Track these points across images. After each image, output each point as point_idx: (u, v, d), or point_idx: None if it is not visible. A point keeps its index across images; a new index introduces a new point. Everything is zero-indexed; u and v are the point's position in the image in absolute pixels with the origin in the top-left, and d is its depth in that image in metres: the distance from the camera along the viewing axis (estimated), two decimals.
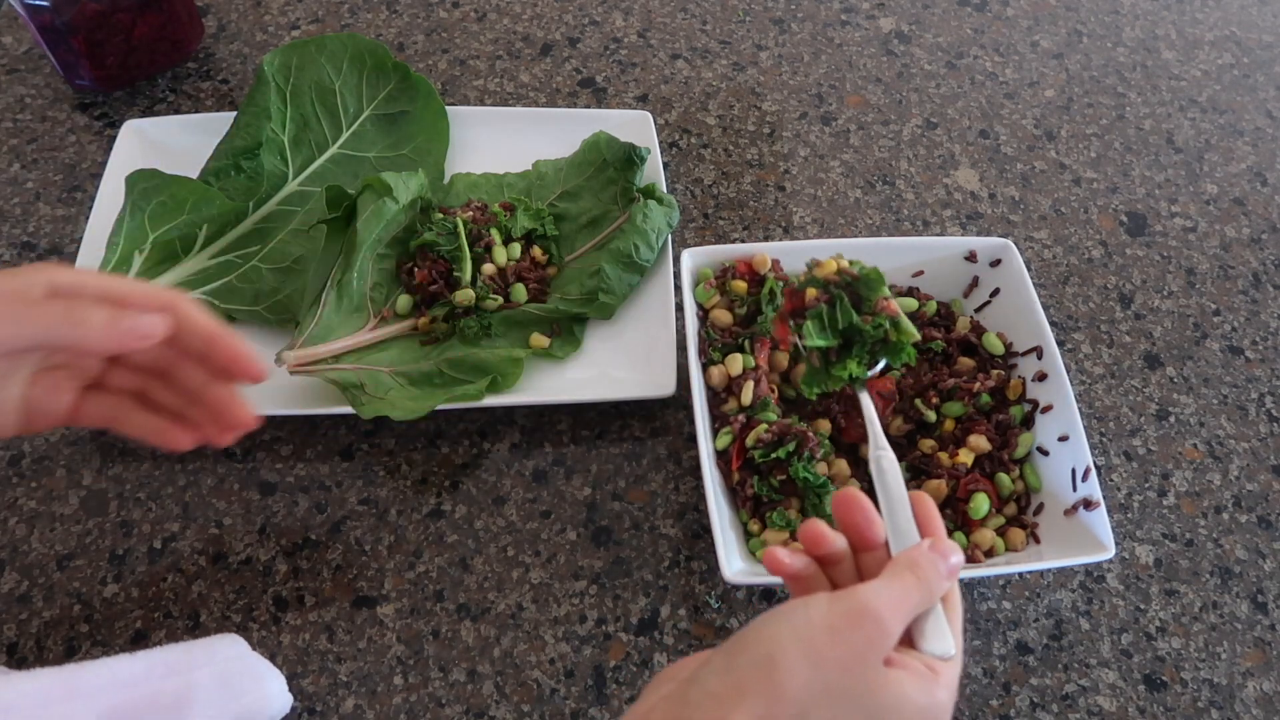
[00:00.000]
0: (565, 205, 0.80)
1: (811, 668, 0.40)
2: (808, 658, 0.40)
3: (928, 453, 0.67)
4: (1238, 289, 0.83)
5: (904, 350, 0.60)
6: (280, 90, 0.80)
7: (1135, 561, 0.68)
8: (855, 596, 0.42)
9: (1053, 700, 0.63)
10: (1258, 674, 0.64)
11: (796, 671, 0.39)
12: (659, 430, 0.73)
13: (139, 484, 0.69)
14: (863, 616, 0.41)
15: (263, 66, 0.79)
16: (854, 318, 0.59)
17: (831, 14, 1.01)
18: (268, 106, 0.79)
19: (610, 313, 0.75)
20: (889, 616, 0.41)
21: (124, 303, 0.49)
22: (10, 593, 0.64)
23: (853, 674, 0.40)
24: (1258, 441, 0.75)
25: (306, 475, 0.70)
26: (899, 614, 0.42)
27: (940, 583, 0.45)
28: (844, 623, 0.41)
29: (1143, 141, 0.93)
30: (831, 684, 0.40)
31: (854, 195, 0.87)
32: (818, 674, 0.40)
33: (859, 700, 0.40)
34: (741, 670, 0.40)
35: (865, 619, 0.41)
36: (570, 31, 0.98)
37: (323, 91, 0.82)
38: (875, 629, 0.41)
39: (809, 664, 0.40)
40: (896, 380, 0.69)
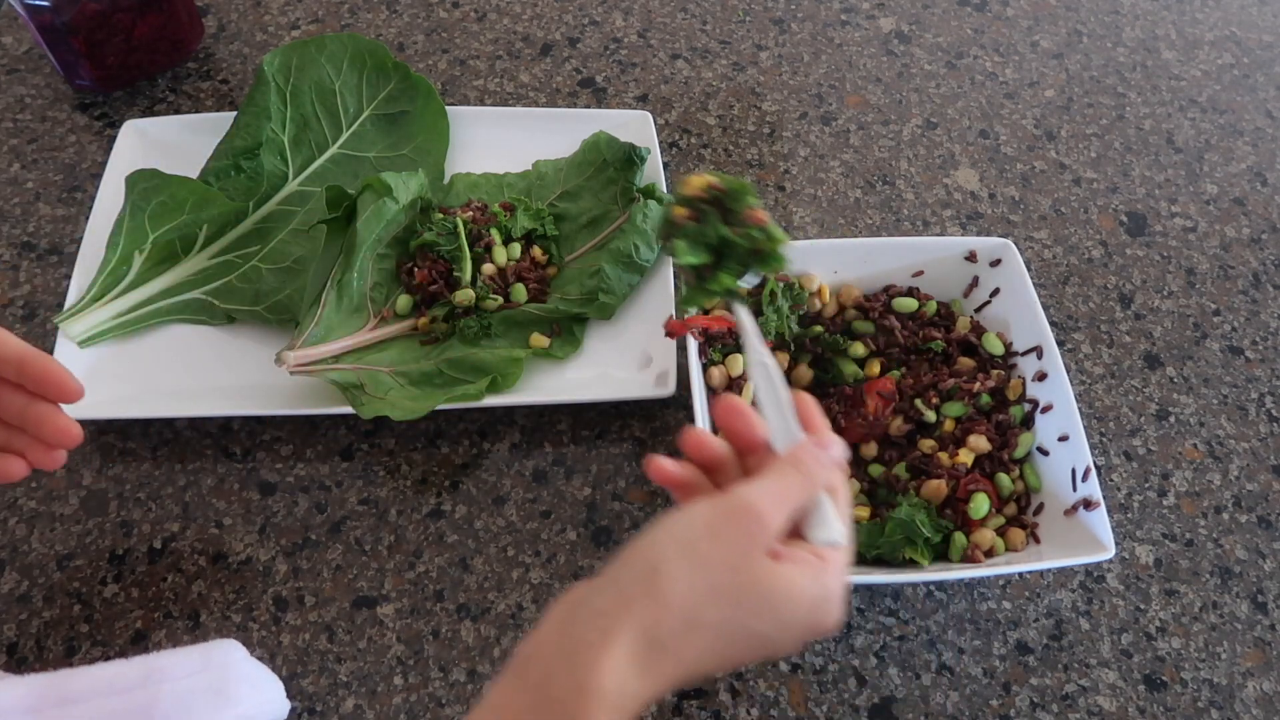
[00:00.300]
0: (565, 205, 0.80)
1: (694, 570, 0.40)
2: (689, 561, 0.40)
3: (928, 453, 0.67)
4: (1238, 289, 0.83)
5: (776, 258, 0.58)
6: (280, 90, 0.80)
7: (1135, 561, 0.68)
8: (734, 495, 0.42)
9: (1053, 700, 0.62)
10: (1258, 674, 0.64)
11: (679, 576, 0.39)
12: (659, 430, 0.73)
13: (139, 484, 0.69)
14: (742, 513, 0.41)
15: (262, 67, 0.79)
16: (723, 231, 0.57)
17: (831, 14, 1.01)
18: (268, 106, 0.79)
19: (610, 313, 0.75)
20: (768, 510, 0.41)
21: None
22: (10, 593, 0.64)
23: (738, 571, 0.40)
24: (1258, 441, 0.75)
25: (306, 475, 0.70)
26: (779, 508, 0.42)
27: (822, 474, 0.44)
28: (723, 522, 0.41)
29: (1143, 141, 0.93)
30: (717, 583, 0.40)
31: (854, 195, 0.87)
32: (701, 576, 0.40)
33: (747, 595, 0.40)
34: (625, 583, 0.40)
35: (744, 515, 0.41)
36: (570, 31, 0.98)
37: (323, 92, 0.82)
38: (755, 524, 0.41)
39: (691, 567, 0.40)
40: (897, 380, 0.69)
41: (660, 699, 0.41)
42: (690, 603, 0.39)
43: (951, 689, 0.63)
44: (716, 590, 0.40)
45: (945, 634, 0.64)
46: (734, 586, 0.40)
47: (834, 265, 0.73)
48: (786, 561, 0.42)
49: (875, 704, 0.62)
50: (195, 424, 0.72)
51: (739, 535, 0.41)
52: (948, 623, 0.65)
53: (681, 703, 0.61)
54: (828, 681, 0.63)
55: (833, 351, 0.72)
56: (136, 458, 0.70)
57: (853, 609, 0.65)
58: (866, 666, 0.63)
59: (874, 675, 0.63)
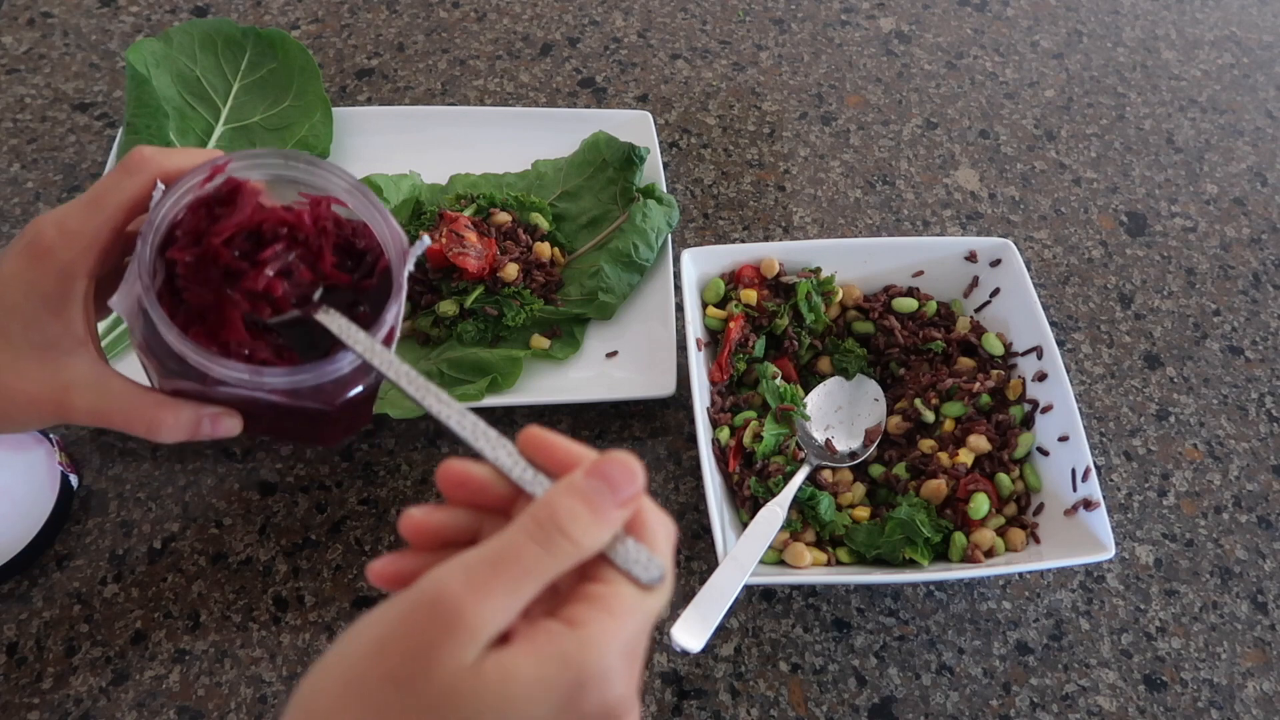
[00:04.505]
0: (565, 205, 0.80)
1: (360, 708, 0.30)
2: (352, 696, 0.30)
3: (928, 453, 0.67)
4: (1238, 289, 0.83)
5: None
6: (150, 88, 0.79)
7: (1135, 561, 0.68)
8: (417, 586, 0.31)
9: (1053, 700, 0.62)
10: (1258, 674, 0.64)
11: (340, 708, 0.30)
12: (659, 430, 0.73)
13: (139, 484, 0.69)
14: (423, 609, 0.30)
15: (132, 65, 0.78)
16: None
17: (831, 14, 1.01)
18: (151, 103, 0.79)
19: (610, 313, 0.75)
20: (463, 596, 0.30)
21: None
22: (10, 593, 0.64)
23: (411, 688, 0.29)
24: (1258, 441, 0.75)
25: (306, 475, 0.70)
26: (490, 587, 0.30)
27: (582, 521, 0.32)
28: (395, 629, 0.30)
29: (1143, 141, 0.93)
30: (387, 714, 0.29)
31: (854, 195, 0.87)
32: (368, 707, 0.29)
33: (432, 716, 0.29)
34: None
35: (423, 612, 0.30)
36: (570, 31, 0.98)
37: (186, 81, 0.82)
38: (438, 619, 0.30)
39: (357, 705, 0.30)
40: (897, 380, 0.70)
41: None
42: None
43: (951, 689, 0.63)
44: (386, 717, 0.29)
45: (945, 634, 0.64)
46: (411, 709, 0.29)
47: (834, 265, 0.73)
48: (508, 648, 0.30)
49: (875, 704, 0.62)
50: None
51: (414, 641, 0.30)
52: (948, 623, 0.65)
53: (681, 703, 0.61)
54: (828, 681, 0.63)
55: (835, 350, 0.73)
56: (136, 458, 0.70)
57: (853, 609, 0.65)
58: (866, 666, 0.63)
59: (874, 675, 0.63)
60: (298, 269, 0.42)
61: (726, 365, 0.70)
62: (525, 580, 0.31)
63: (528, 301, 0.73)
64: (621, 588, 0.32)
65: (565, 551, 0.32)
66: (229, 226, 0.40)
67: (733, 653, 0.63)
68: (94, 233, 0.43)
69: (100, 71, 0.93)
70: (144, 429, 0.45)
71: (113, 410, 0.44)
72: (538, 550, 0.31)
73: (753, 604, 0.65)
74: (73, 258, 0.42)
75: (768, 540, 0.60)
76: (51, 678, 0.61)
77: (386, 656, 0.30)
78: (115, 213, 0.43)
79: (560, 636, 0.30)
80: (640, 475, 0.33)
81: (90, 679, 0.61)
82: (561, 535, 0.32)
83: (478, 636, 0.30)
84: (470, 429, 0.36)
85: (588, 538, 0.32)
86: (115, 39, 0.96)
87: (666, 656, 0.63)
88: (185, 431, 0.45)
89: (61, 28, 0.96)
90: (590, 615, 0.31)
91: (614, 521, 0.33)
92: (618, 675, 0.31)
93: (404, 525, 0.35)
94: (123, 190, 0.43)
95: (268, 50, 0.84)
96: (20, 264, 0.43)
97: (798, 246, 0.73)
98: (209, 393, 0.43)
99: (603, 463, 0.33)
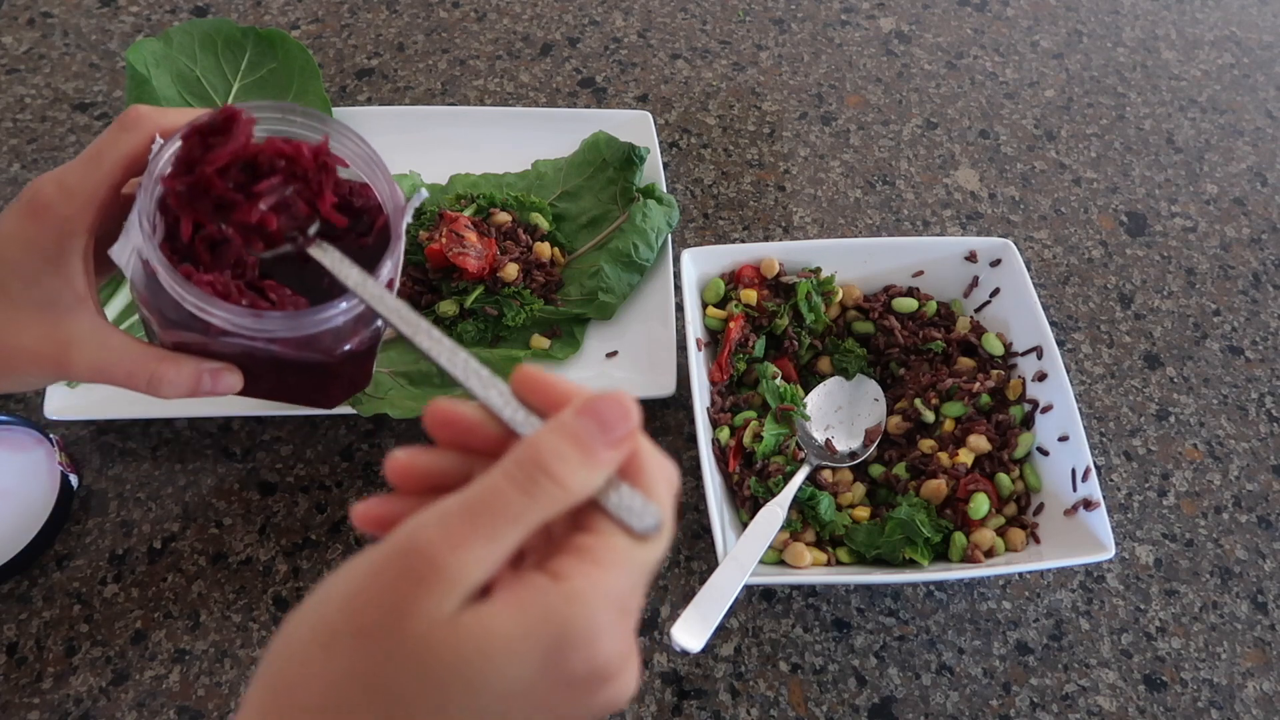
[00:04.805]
0: (565, 205, 0.80)
1: (330, 657, 0.28)
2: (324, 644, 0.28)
3: (928, 453, 0.67)
4: (1238, 289, 0.83)
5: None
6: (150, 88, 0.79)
7: (1135, 561, 0.68)
8: (395, 534, 0.29)
9: (1053, 700, 0.62)
10: (1258, 674, 0.64)
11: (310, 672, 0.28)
12: (659, 430, 0.72)
13: (139, 484, 0.69)
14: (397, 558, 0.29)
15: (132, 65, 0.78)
16: None
17: (831, 14, 1.01)
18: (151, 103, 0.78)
19: (610, 313, 0.75)
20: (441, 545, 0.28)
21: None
22: (10, 593, 0.64)
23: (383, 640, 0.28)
24: (1258, 441, 0.75)
25: (306, 475, 0.70)
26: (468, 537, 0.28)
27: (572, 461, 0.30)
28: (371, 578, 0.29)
29: (1143, 141, 0.93)
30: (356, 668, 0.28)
31: (854, 195, 0.87)
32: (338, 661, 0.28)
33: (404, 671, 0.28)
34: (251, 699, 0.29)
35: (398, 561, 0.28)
36: (570, 31, 0.98)
37: (186, 81, 0.82)
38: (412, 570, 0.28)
39: (327, 653, 0.28)
40: (898, 379, 0.70)
41: None
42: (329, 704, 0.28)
43: (951, 689, 0.62)
44: (356, 677, 0.28)
45: (945, 634, 0.64)
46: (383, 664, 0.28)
47: (834, 265, 0.73)
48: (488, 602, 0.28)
49: (875, 704, 0.62)
50: (195, 424, 0.72)
51: (387, 594, 0.28)
52: (948, 623, 0.65)
53: (681, 703, 0.61)
54: (828, 681, 0.63)
55: (835, 350, 0.73)
56: (136, 458, 0.70)
57: (853, 609, 0.65)
58: (866, 666, 0.63)
59: (874, 675, 0.63)
60: (295, 204, 0.41)
61: (726, 365, 0.70)
62: (506, 528, 0.29)
63: (528, 301, 0.73)
64: (612, 538, 0.30)
65: (550, 496, 0.29)
66: (223, 155, 0.40)
67: (733, 653, 0.63)
68: (93, 189, 0.43)
69: (100, 71, 0.93)
70: (145, 384, 0.45)
71: (113, 365, 0.44)
72: (520, 495, 0.29)
73: (753, 604, 0.65)
74: (72, 214, 0.43)
75: (768, 540, 0.60)
76: (51, 678, 0.61)
77: (359, 610, 0.28)
78: (113, 169, 0.43)
79: (543, 591, 0.28)
80: (635, 413, 0.31)
81: (90, 679, 0.61)
82: (546, 478, 0.29)
83: (454, 589, 0.28)
84: (461, 367, 0.34)
85: (575, 481, 0.30)
86: (115, 39, 0.96)
87: (666, 656, 0.63)
88: (186, 386, 0.45)
89: (61, 28, 0.96)
90: (576, 568, 0.29)
91: (605, 463, 0.30)
92: (605, 633, 0.29)
93: (389, 468, 0.33)
94: (120, 147, 0.43)
95: (268, 50, 0.84)
96: (20, 222, 0.43)
97: (798, 246, 0.73)
98: (209, 344, 0.43)
99: (594, 400, 0.31)
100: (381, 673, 0.28)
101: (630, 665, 0.31)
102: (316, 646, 0.28)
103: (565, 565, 0.29)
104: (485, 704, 0.28)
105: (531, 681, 0.28)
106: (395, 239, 0.42)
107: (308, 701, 0.28)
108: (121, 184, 0.44)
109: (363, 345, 0.45)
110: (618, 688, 0.30)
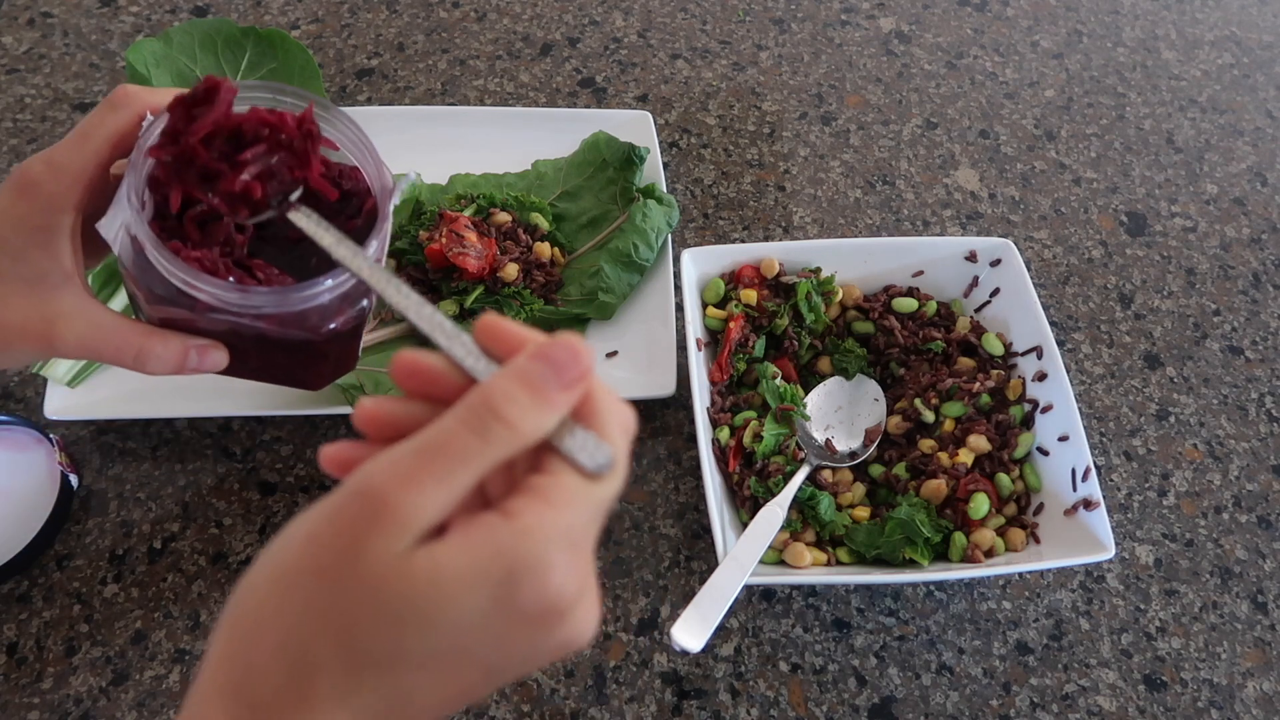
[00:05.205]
0: (565, 205, 0.80)
1: (287, 598, 0.29)
2: (283, 586, 0.29)
3: (928, 453, 0.67)
4: (1238, 289, 0.83)
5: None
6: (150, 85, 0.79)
7: (1135, 561, 0.68)
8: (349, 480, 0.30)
9: (1053, 700, 0.62)
10: (1258, 674, 0.64)
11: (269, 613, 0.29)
12: (659, 430, 0.73)
13: (139, 484, 0.69)
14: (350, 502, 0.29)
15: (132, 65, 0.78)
16: None
17: (831, 14, 1.01)
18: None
19: (610, 313, 0.75)
20: (392, 487, 0.29)
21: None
22: (10, 593, 0.64)
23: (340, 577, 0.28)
24: (1258, 441, 0.75)
25: (306, 475, 0.70)
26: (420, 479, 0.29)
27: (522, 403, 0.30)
28: (326, 522, 0.29)
29: (1143, 141, 0.93)
30: (315, 605, 0.29)
31: (854, 195, 0.87)
32: (296, 601, 0.29)
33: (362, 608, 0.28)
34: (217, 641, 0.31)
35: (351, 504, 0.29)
36: (570, 31, 0.98)
37: (186, 81, 0.81)
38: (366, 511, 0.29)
39: (285, 595, 0.29)
40: (898, 379, 0.70)
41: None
42: (288, 641, 0.29)
43: (951, 689, 0.63)
44: (314, 616, 0.29)
45: (945, 634, 0.64)
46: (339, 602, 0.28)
47: (834, 265, 0.73)
48: (440, 541, 0.29)
49: (875, 704, 0.62)
50: (195, 424, 0.72)
51: (342, 534, 0.29)
52: (948, 623, 0.65)
53: (681, 703, 0.61)
54: (828, 681, 0.63)
55: (835, 350, 0.73)
56: (136, 458, 0.70)
57: (853, 609, 0.65)
58: (866, 666, 0.63)
59: (874, 675, 0.63)
60: (280, 172, 0.41)
61: (726, 365, 0.70)
62: (458, 469, 0.29)
63: (528, 301, 0.73)
64: (564, 477, 0.31)
65: (501, 437, 0.30)
66: (206, 124, 0.40)
67: (733, 653, 0.63)
68: (81, 167, 0.43)
69: (100, 71, 0.93)
70: (132, 359, 0.45)
71: (100, 341, 0.45)
72: (471, 437, 0.29)
73: (753, 604, 0.65)
74: (60, 191, 0.43)
75: (768, 540, 0.60)
76: (51, 678, 0.61)
77: (315, 550, 0.29)
78: (102, 146, 0.43)
79: (494, 528, 0.29)
80: (586, 356, 0.31)
81: (90, 679, 0.61)
82: (496, 420, 0.30)
83: (406, 527, 0.28)
84: (427, 320, 0.34)
85: (526, 422, 0.30)
86: (115, 39, 0.96)
87: (666, 656, 0.63)
88: (173, 363, 0.45)
89: (61, 28, 0.96)
90: (528, 506, 0.30)
91: (557, 405, 0.31)
92: (556, 567, 0.29)
93: (357, 415, 0.33)
94: (108, 125, 0.43)
95: (268, 50, 0.84)
96: (8, 199, 0.43)
97: (798, 246, 0.73)
98: (196, 321, 0.44)
99: (546, 344, 0.31)
100: (338, 611, 0.28)
101: (585, 602, 0.31)
102: (278, 587, 0.29)
103: (518, 504, 0.30)
104: (440, 640, 0.29)
105: (484, 615, 0.29)
106: (382, 219, 0.43)
107: (269, 641, 0.29)
108: (110, 162, 0.44)
109: (348, 324, 0.45)
110: (574, 624, 0.31)
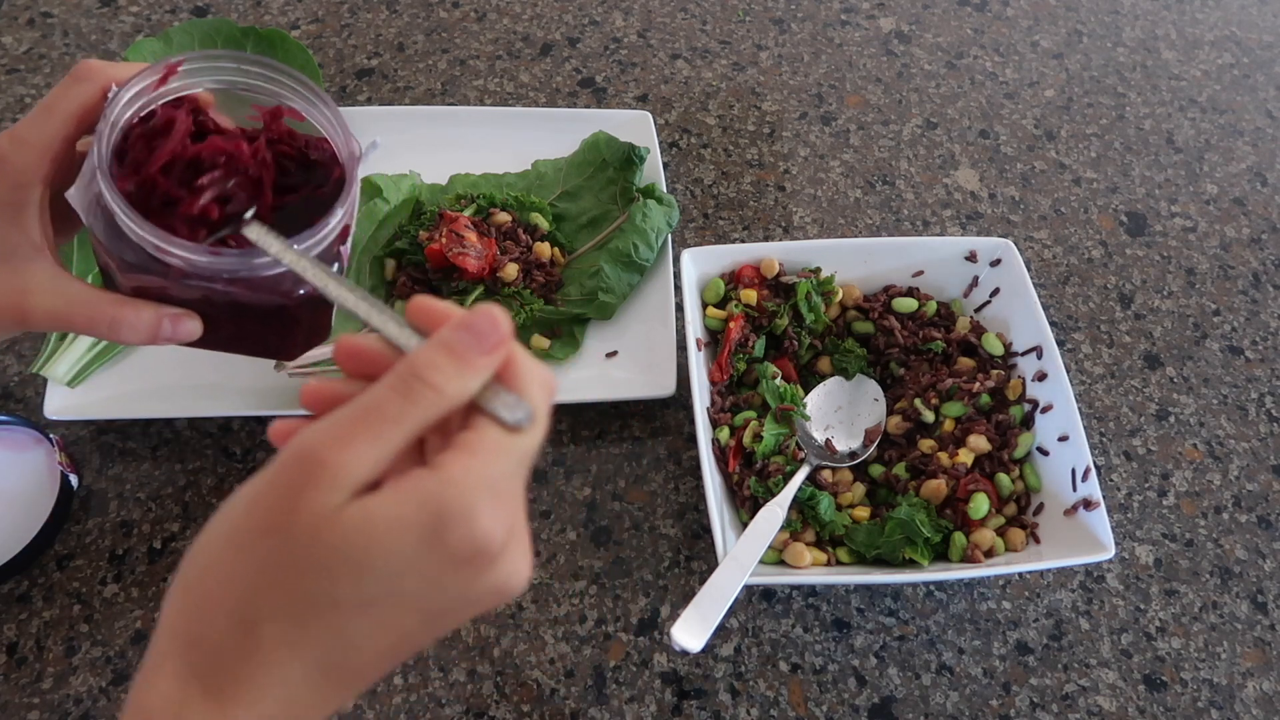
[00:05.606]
0: (565, 205, 0.80)
1: (236, 556, 0.32)
2: (231, 545, 0.32)
3: (927, 453, 0.67)
4: (1238, 289, 0.83)
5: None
6: None
7: (1135, 561, 0.68)
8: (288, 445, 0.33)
9: (1053, 700, 0.62)
10: (1258, 674, 0.64)
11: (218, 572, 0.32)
12: (659, 430, 0.73)
13: (139, 484, 0.69)
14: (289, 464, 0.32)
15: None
16: None
17: (831, 14, 1.01)
18: None
19: (610, 313, 0.75)
20: (328, 447, 0.31)
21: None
22: (10, 593, 0.64)
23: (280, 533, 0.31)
24: (1258, 441, 0.75)
25: None
26: (353, 440, 0.31)
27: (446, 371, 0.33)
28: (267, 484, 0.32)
29: (1143, 141, 0.93)
30: (260, 560, 0.31)
31: (854, 195, 0.87)
32: (243, 559, 0.32)
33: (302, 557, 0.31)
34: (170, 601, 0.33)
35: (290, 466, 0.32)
36: (570, 31, 0.98)
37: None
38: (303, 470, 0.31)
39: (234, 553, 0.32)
40: (898, 379, 0.70)
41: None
42: (234, 595, 0.31)
43: (951, 689, 0.63)
44: (262, 572, 0.31)
45: (945, 634, 0.64)
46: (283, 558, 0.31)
47: (834, 265, 0.73)
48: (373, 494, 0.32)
49: (875, 704, 0.62)
50: (195, 424, 0.72)
51: (281, 492, 0.31)
52: (948, 623, 0.65)
53: (681, 703, 0.61)
54: (828, 681, 0.63)
55: (835, 350, 0.73)
56: (136, 458, 0.70)
57: (853, 609, 0.65)
58: (866, 666, 0.63)
59: (874, 675, 0.63)
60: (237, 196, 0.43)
61: (726, 365, 0.70)
62: (388, 429, 0.32)
63: (528, 301, 0.73)
64: (486, 431, 0.33)
65: (427, 400, 0.32)
66: (163, 154, 0.42)
67: (733, 653, 0.63)
68: (47, 140, 0.44)
69: None
70: (105, 329, 0.45)
71: (73, 312, 0.45)
72: (400, 400, 0.32)
73: (753, 604, 0.65)
74: (26, 165, 0.43)
75: (768, 540, 0.60)
76: (51, 678, 0.61)
77: (258, 509, 0.32)
78: (67, 120, 0.44)
79: (422, 478, 0.31)
80: (505, 323, 0.34)
81: (90, 679, 0.61)
82: (422, 384, 0.32)
83: (340, 482, 0.31)
84: (364, 307, 0.37)
85: (451, 385, 0.33)
86: (115, 39, 0.96)
87: (666, 656, 0.63)
88: (146, 331, 0.45)
89: (61, 28, 0.96)
90: (453, 458, 0.32)
91: (479, 368, 0.33)
92: (481, 511, 0.31)
93: (303, 394, 0.36)
94: (72, 99, 0.44)
95: (268, 50, 0.84)
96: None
97: (798, 246, 0.73)
98: (169, 288, 0.44)
99: (467, 315, 0.34)
100: (280, 564, 0.31)
101: (515, 547, 0.33)
102: (226, 548, 0.32)
103: (444, 457, 0.32)
104: (375, 584, 0.31)
105: (415, 560, 0.31)
106: (349, 184, 0.44)
107: (218, 597, 0.32)
108: (75, 136, 0.45)
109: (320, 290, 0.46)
110: (505, 567, 0.33)
